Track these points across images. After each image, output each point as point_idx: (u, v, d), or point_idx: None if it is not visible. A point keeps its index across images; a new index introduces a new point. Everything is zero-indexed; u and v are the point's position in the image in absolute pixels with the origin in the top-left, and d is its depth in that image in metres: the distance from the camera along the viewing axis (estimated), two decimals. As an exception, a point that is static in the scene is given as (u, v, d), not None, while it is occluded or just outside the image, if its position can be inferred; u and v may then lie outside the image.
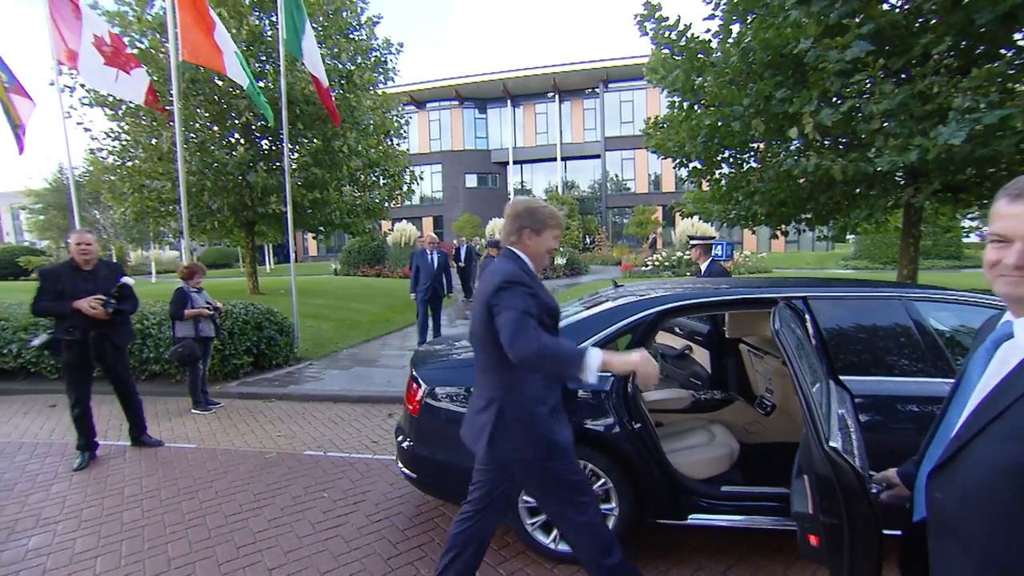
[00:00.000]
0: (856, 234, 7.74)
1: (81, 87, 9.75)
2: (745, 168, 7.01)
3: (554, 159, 33.94)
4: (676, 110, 7.07)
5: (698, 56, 6.31)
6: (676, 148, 7.18)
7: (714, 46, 6.28)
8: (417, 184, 15.70)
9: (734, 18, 6.00)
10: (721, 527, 2.63)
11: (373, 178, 13.18)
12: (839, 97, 5.09)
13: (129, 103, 9.52)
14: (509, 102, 34.02)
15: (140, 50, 9.52)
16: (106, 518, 3.30)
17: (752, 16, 5.81)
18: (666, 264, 18.20)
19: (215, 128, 10.68)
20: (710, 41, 6.30)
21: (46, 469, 4.06)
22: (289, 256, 8.85)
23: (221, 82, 9.86)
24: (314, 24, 10.95)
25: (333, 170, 11.16)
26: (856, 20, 4.82)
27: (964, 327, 2.73)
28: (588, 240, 28.60)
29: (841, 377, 2.44)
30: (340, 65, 11.10)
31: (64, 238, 23.39)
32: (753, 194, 6.58)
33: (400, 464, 3.05)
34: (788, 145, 6.10)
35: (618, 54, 29.82)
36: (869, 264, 19.59)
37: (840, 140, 5.86)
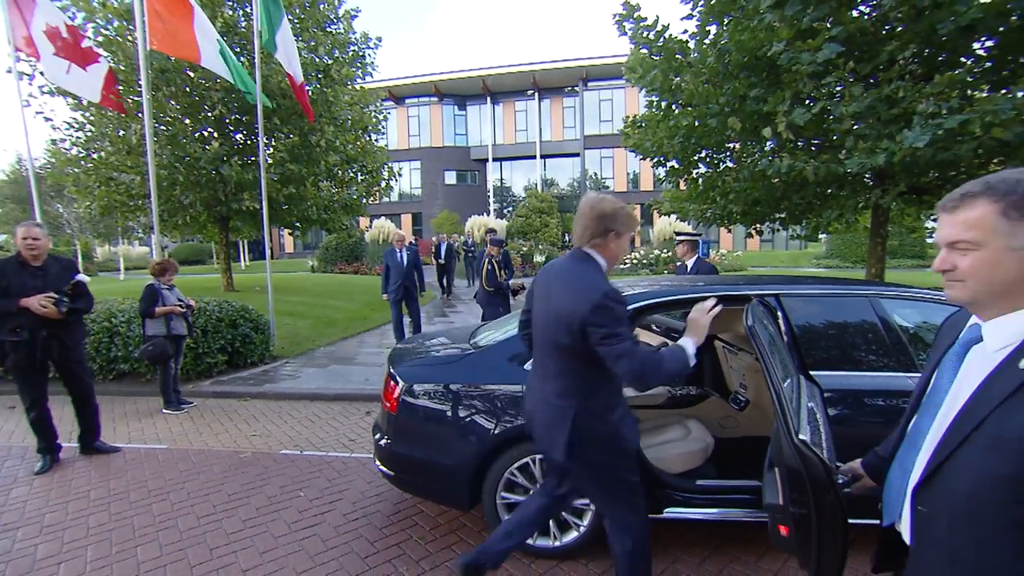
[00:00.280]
0: (828, 233, 7.96)
1: (41, 75, 9.36)
2: (721, 168, 7.14)
3: (533, 157, 33.98)
4: (654, 110, 7.16)
5: (676, 56, 6.40)
6: (654, 148, 7.27)
7: (691, 47, 6.38)
8: (396, 181, 15.54)
9: (711, 20, 6.10)
10: (696, 520, 2.68)
11: (351, 174, 13.01)
12: (811, 98, 5.23)
13: None
14: (489, 99, 33.93)
15: (106, 37, 9.18)
16: (70, 523, 3.19)
17: (728, 18, 5.92)
18: (644, 262, 18.41)
19: (187, 121, 10.38)
20: (687, 42, 6.39)
21: (5, 473, 3.91)
22: (265, 253, 8.66)
23: (193, 73, 9.59)
24: (290, 16, 10.73)
25: (310, 165, 10.97)
26: (827, 24, 4.96)
27: (926, 323, 2.84)
28: (567, 238, 28.74)
29: (811, 372, 2.51)
30: (317, 59, 10.92)
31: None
32: (728, 193, 6.71)
33: (378, 462, 3.02)
34: (763, 145, 6.24)
35: (598, 53, 29.99)
36: (840, 263, 20.16)
37: (812, 142, 6.02)
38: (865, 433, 2.39)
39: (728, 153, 7.08)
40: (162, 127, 9.88)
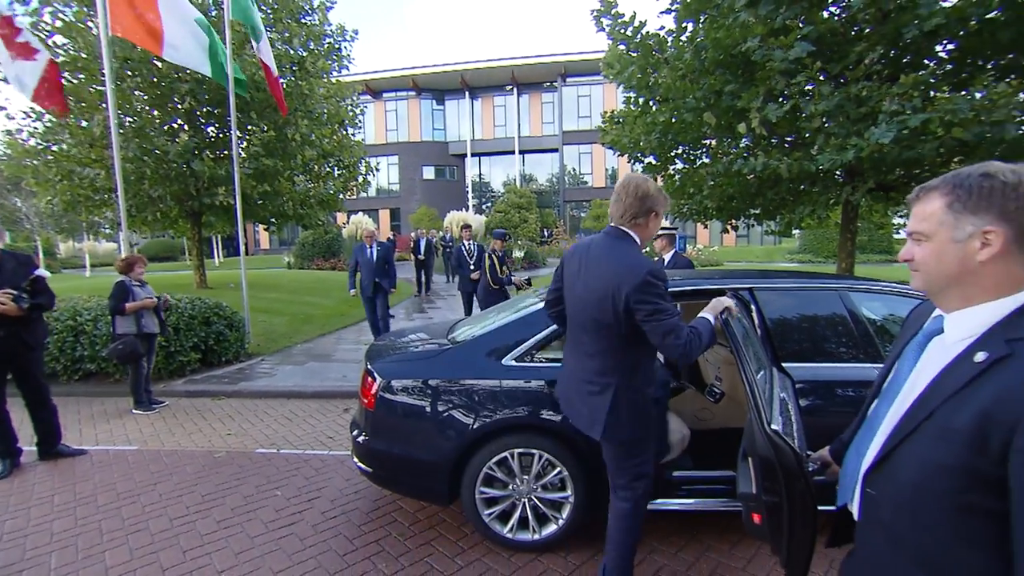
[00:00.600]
0: (800, 229, 8.15)
1: None
2: (697, 164, 7.24)
3: (512, 152, 33.92)
4: (632, 106, 7.21)
5: (653, 52, 6.45)
6: (631, 144, 7.33)
7: (668, 43, 6.44)
8: (373, 175, 15.36)
9: (687, 17, 6.16)
10: (673, 510, 2.73)
11: (327, 169, 12.81)
12: (783, 96, 5.33)
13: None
14: (467, 94, 33.73)
15: (64, 22, 8.79)
16: (32, 529, 3.07)
17: (704, 16, 5.99)
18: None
19: (155, 113, 10.04)
20: (664, 38, 6.45)
21: (-35, 478, 3.76)
22: (239, 249, 8.46)
23: (161, 63, 9.28)
24: (263, 7, 10.49)
25: (285, 160, 10.75)
26: (799, 24, 5.06)
27: (892, 316, 2.93)
28: (546, 233, 28.84)
29: (783, 364, 2.57)
30: (292, 51, 10.69)
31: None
32: (704, 189, 6.81)
33: (356, 459, 2.99)
34: (738, 142, 6.35)
35: (576, 49, 30.11)
36: (812, 257, 20.67)
37: (785, 139, 6.15)
38: (835, 422, 2.43)
39: (704, 149, 7.18)
40: (128, 119, 9.54)
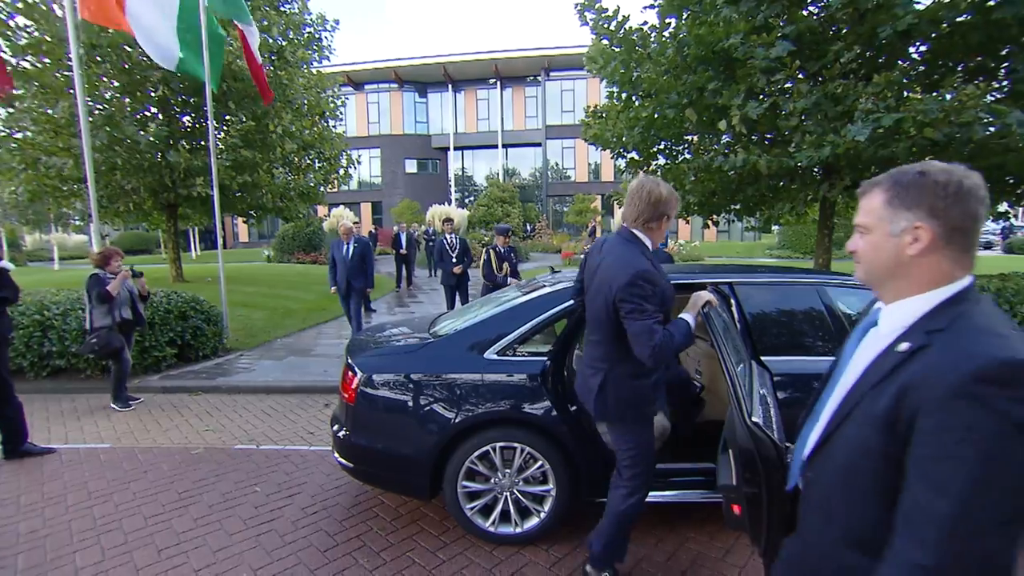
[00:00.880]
0: (780, 225, 8.28)
1: None
2: (679, 160, 7.30)
3: (495, 146, 33.77)
4: (615, 100, 7.23)
5: (636, 48, 6.46)
6: (614, 139, 7.35)
7: (651, 38, 6.46)
8: (354, 168, 15.13)
9: (670, 12, 6.18)
10: (653, 502, 2.76)
11: (308, 161, 12.59)
12: (764, 93, 5.40)
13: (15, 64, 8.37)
14: (450, 87, 33.45)
15: (25, 3, 8.44)
16: None
17: (687, 12, 6.02)
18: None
19: (127, 100, 9.73)
20: (648, 33, 6.47)
21: (-73, 478, 3.63)
22: (217, 242, 8.28)
23: (131, 49, 8.97)
24: (240, -8, 10.22)
25: (265, 151, 10.52)
26: (780, 22, 5.12)
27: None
28: (529, 228, 28.83)
29: (762, 357, 2.61)
30: (270, 39, 10.44)
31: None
32: (686, 185, 6.86)
33: (336, 454, 2.97)
34: (719, 138, 6.41)
35: (560, 43, 30.05)
36: (791, 253, 21.02)
37: (765, 136, 6.23)
38: (811, 414, 2.52)
39: (686, 145, 7.24)
40: (98, 106, 9.22)
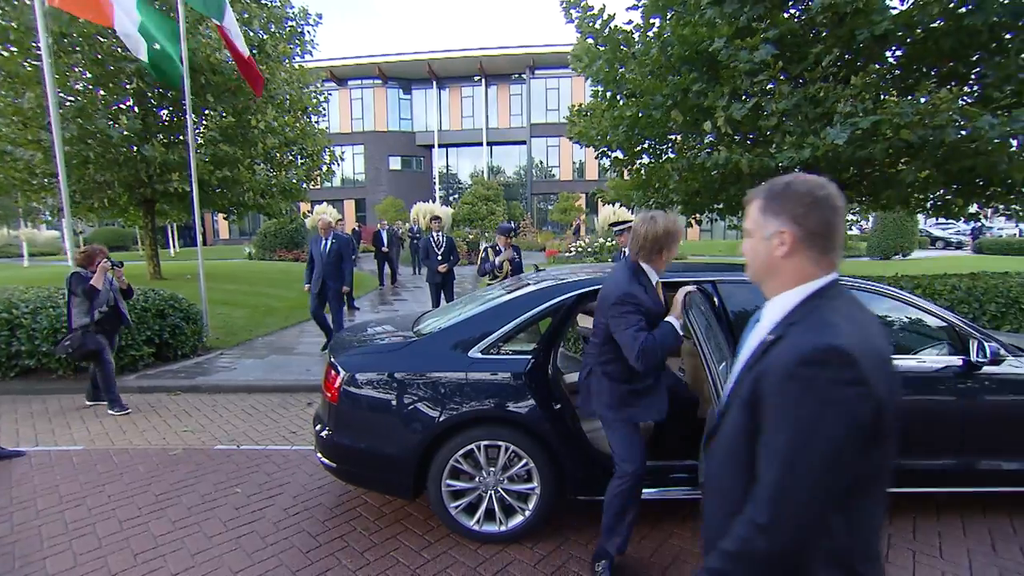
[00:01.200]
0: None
1: None
2: (663, 159, 7.35)
3: (480, 144, 33.68)
4: (599, 99, 7.25)
5: (620, 47, 6.49)
6: (599, 137, 7.38)
7: (636, 38, 6.49)
8: (338, 165, 14.96)
9: (655, 12, 6.22)
10: (637, 498, 2.78)
11: (290, 157, 12.40)
12: (747, 94, 5.46)
13: None
14: (435, 84, 33.25)
15: None
16: (-34, 535, 2.88)
17: (671, 12, 6.05)
18: (589, 250, 18.77)
19: (101, 92, 9.46)
20: (632, 33, 6.50)
21: None
22: (196, 239, 8.11)
23: (104, 39, 8.73)
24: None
25: (245, 147, 10.34)
26: (763, 25, 5.19)
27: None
28: (513, 226, 28.82)
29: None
30: (251, 33, 10.25)
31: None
32: (670, 183, 6.92)
33: (319, 454, 2.93)
34: (703, 138, 6.47)
35: (545, 41, 30.06)
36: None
37: (748, 136, 6.31)
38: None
39: (670, 144, 7.30)
40: (69, 98, 8.94)
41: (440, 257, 7.67)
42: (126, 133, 8.78)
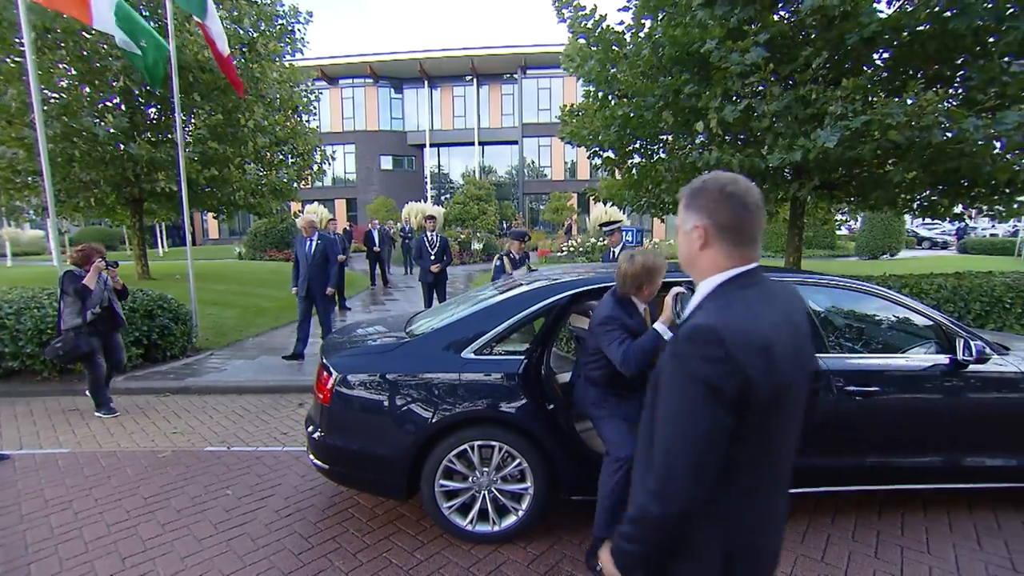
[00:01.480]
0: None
1: None
2: (655, 159, 7.38)
3: (472, 143, 33.61)
4: (591, 99, 7.27)
5: (612, 47, 6.51)
6: (590, 137, 7.39)
7: (627, 38, 6.51)
8: (329, 164, 14.87)
9: (646, 13, 6.24)
10: (629, 497, 2.79)
11: (280, 156, 12.31)
12: (738, 96, 5.50)
13: None
14: (426, 83, 33.12)
15: None
16: (-50, 540, 2.82)
17: (662, 13, 6.08)
18: (581, 250, 18.81)
19: (86, 90, 9.33)
20: (623, 33, 6.52)
21: None
22: (185, 238, 8.02)
23: (89, 35, 8.60)
24: (208, -19, 9.91)
25: (235, 146, 10.24)
26: (754, 27, 5.23)
27: (835, 307, 3.09)
28: (505, 226, 28.81)
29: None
30: (241, 31, 10.15)
31: None
32: (661, 183, 6.95)
33: (311, 456, 2.91)
34: (694, 138, 6.51)
35: (537, 41, 30.07)
36: (762, 251, 21.44)
37: (739, 136, 6.35)
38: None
39: (662, 144, 7.33)
40: (53, 95, 8.80)
41: (433, 257, 7.64)
42: (113, 131, 8.67)
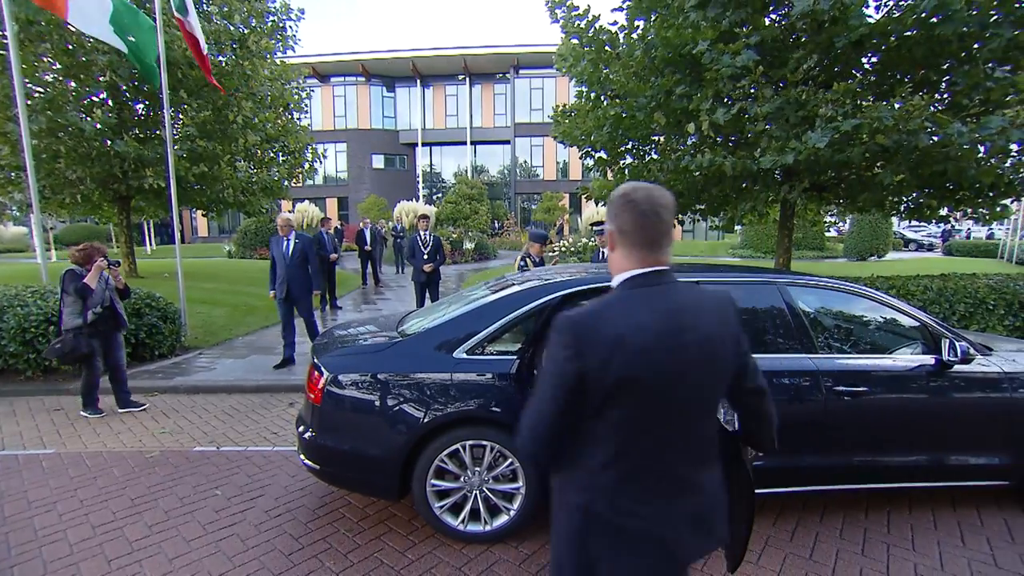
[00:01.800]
0: (742, 224, 8.52)
1: None
2: (647, 160, 7.42)
3: (464, 143, 33.57)
4: (583, 100, 7.29)
5: (605, 48, 6.53)
6: (583, 137, 7.41)
7: (620, 39, 6.54)
8: (320, 162, 14.79)
9: (639, 14, 6.27)
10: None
11: (271, 154, 12.22)
12: (729, 98, 5.54)
13: None
14: (419, 82, 33.02)
15: None
16: (-67, 541, 2.77)
17: (655, 14, 6.11)
18: (572, 250, 18.85)
19: (72, 84, 9.19)
20: (617, 34, 6.54)
21: None
22: (174, 236, 7.94)
23: (75, 28, 8.49)
24: (200, -23, 9.82)
25: (225, 143, 10.14)
26: (745, 29, 5.27)
27: (824, 308, 3.13)
28: (497, 225, 28.81)
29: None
30: (232, 27, 10.06)
31: None
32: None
33: (302, 456, 2.90)
34: (686, 139, 6.55)
35: (529, 41, 30.08)
36: (753, 253, 21.74)
37: (730, 138, 6.40)
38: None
39: (653, 145, 7.37)
40: (37, 89, 8.66)
41: (426, 256, 7.62)
42: (100, 127, 8.55)
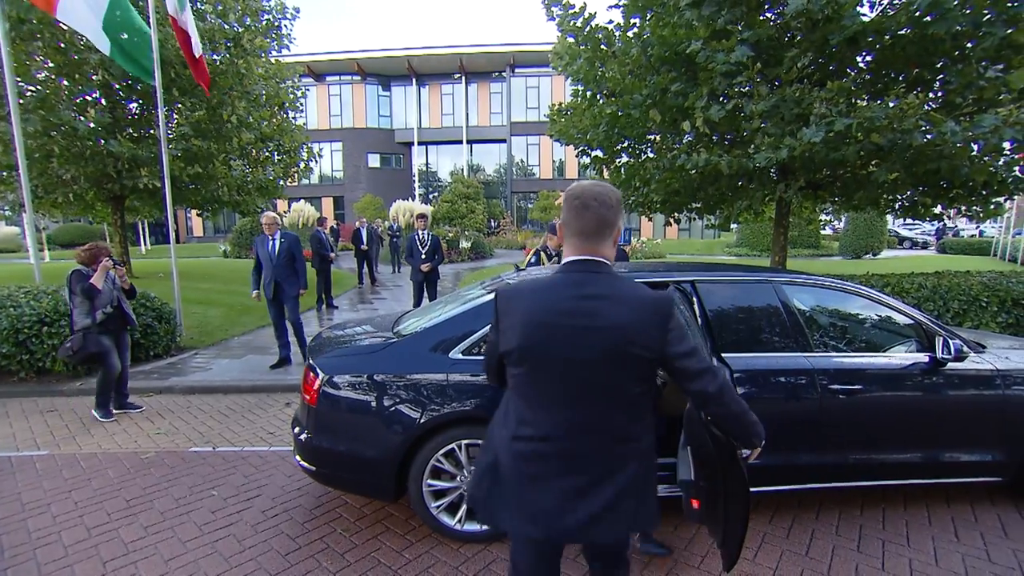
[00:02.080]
0: (738, 223, 8.55)
1: None
2: (643, 158, 7.43)
3: (460, 141, 33.52)
4: (579, 98, 7.29)
5: (601, 46, 6.54)
6: (579, 136, 7.42)
7: (616, 37, 6.54)
8: (315, 162, 14.75)
9: (635, 12, 6.28)
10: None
11: (266, 153, 12.17)
12: (725, 96, 5.56)
13: None
14: (414, 81, 32.95)
15: None
16: (-75, 544, 2.75)
17: (651, 13, 6.12)
18: (570, 249, 18.83)
19: (65, 83, 9.12)
20: (613, 32, 6.55)
21: None
22: (169, 236, 7.90)
23: (66, 26, 8.44)
24: (192, -25, 9.75)
25: (220, 142, 10.09)
26: (739, 27, 5.28)
27: (819, 306, 3.14)
28: (493, 224, 28.81)
29: (722, 354, 2.69)
30: (227, 26, 10.01)
31: None
32: (650, 183, 7.00)
33: (298, 457, 2.89)
34: (682, 138, 6.56)
35: (525, 39, 30.05)
36: (748, 251, 21.80)
37: (726, 136, 6.42)
38: (768, 409, 2.61)
39: (649, 144, 7.38)
40: (29, 88, 8.60)
41: (424, 255, 7.62)
42: (93, 126, 8.50)
